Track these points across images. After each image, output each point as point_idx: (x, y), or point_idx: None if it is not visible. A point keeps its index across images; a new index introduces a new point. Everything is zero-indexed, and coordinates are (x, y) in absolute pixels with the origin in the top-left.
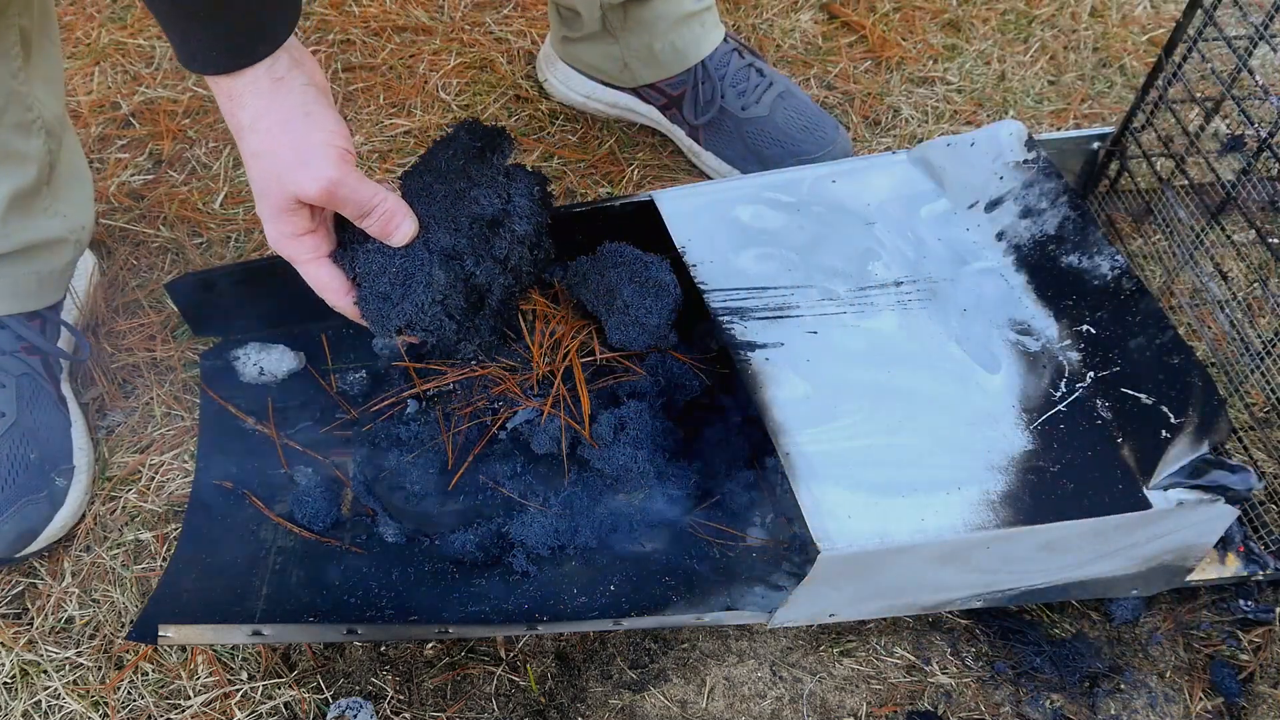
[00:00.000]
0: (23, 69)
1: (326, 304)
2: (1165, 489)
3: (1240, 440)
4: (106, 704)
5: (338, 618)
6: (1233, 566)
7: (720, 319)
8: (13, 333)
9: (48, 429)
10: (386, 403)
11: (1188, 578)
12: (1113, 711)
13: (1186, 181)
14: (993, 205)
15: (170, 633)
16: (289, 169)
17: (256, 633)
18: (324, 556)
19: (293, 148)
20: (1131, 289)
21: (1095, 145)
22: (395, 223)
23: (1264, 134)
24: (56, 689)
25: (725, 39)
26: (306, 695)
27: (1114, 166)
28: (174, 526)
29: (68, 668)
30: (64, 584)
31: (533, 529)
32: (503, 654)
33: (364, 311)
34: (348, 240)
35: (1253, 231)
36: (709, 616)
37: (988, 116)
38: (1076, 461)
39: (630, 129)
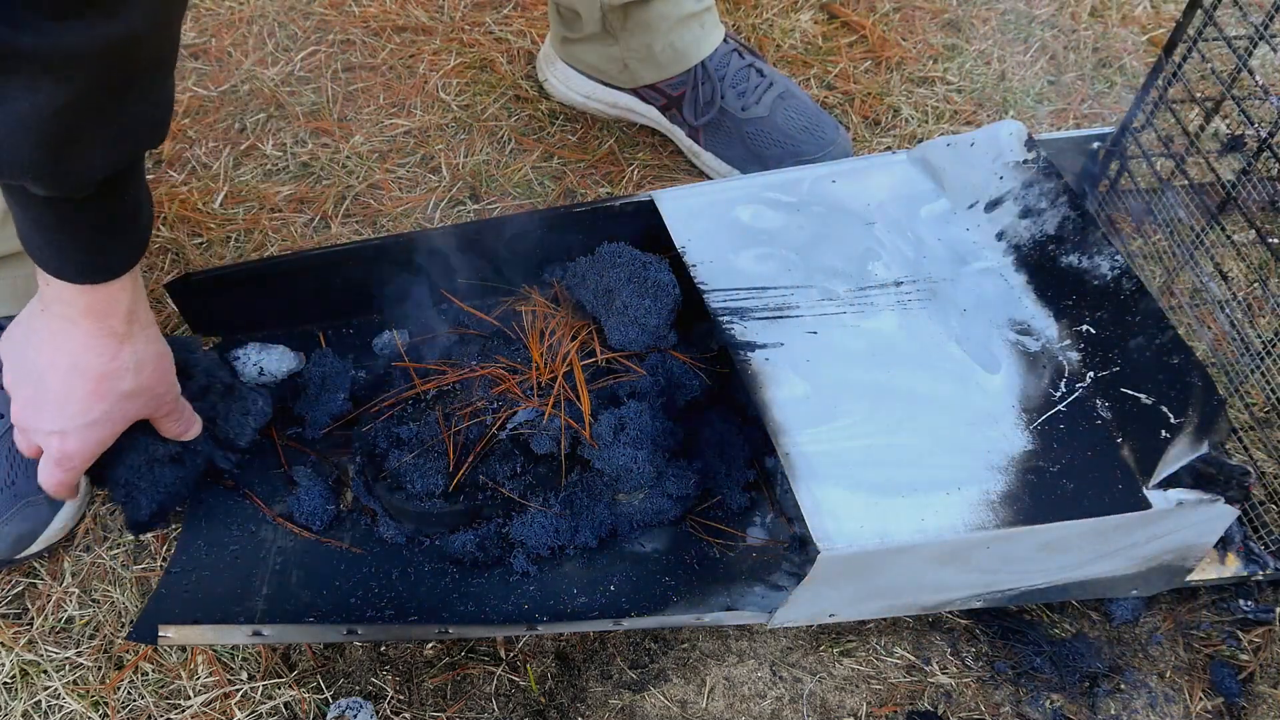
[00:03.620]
0: None
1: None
2: (1165, 489)
3: (1240, 440)
4: (106, 704)
5: (338, 618)
6: (1233, 566)
7: (720, 319)
8: None
9: None
10: (387, 403)
11: (1188, 578)
12: (1113, 711)
13: (1186, 181)
14: (993, 205)
15: (170, 633)
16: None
17: (256, 633)
18: (324, 556)
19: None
20: (1131, 289)
21: (1095, 145)
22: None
23: (1264, 134)
24: (56, 689)
25: (725, 39)
26: (306, 695)
27: (1114, 166)
28: (174, 526)
29: (68, 668)
30: (64, 584)
31: (533, 529)
32: (503, 654)
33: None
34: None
35: (1253, 231)
36: (709, 616)
37: (988, 116)
38: (1076, 461)
39: (630, 129)
